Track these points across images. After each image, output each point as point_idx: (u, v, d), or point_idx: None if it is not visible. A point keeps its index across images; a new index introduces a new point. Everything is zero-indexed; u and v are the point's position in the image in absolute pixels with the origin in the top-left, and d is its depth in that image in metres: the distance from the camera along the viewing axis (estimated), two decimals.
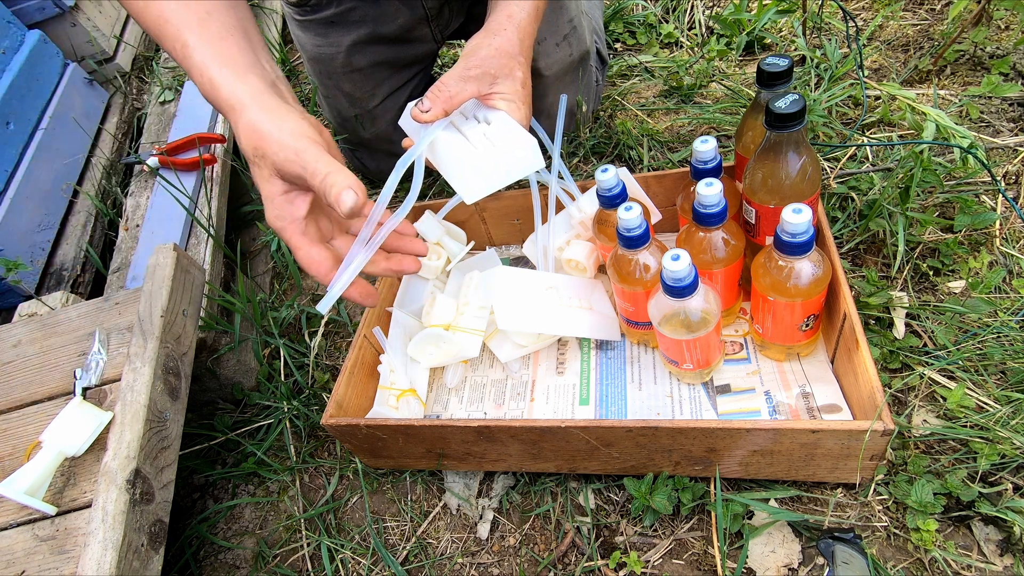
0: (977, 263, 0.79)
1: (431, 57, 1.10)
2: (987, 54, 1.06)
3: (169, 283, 0.79)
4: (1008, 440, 0.63)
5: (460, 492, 0.79)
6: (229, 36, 0.59)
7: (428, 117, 0.65)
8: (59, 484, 0.69)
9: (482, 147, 0.64)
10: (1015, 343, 0.70)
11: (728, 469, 0.67)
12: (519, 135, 0.64)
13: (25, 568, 0.63)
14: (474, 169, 0.64)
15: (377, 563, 0.76)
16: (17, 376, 0.82)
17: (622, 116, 1.19)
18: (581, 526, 0.73)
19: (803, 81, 1.11)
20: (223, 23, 0.60)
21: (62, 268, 1.12)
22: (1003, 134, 0.94)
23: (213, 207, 1.09)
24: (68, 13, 1.46)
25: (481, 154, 0.64)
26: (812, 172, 0.64)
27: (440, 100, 0.64)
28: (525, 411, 0.80)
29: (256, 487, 0.89)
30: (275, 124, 0.54)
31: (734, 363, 0.76)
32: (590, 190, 0.84)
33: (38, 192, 1.15)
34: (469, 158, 0.65)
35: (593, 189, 0.82)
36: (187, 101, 1.35)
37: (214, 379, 0.95)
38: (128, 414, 0.68)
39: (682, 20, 1.36)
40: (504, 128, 0.65)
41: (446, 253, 0.95)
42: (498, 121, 0.66)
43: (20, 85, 1.21)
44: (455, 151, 0.66)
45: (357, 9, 0.95)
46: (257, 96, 0.56)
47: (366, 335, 0.84)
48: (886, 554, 0.63)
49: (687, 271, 0.60)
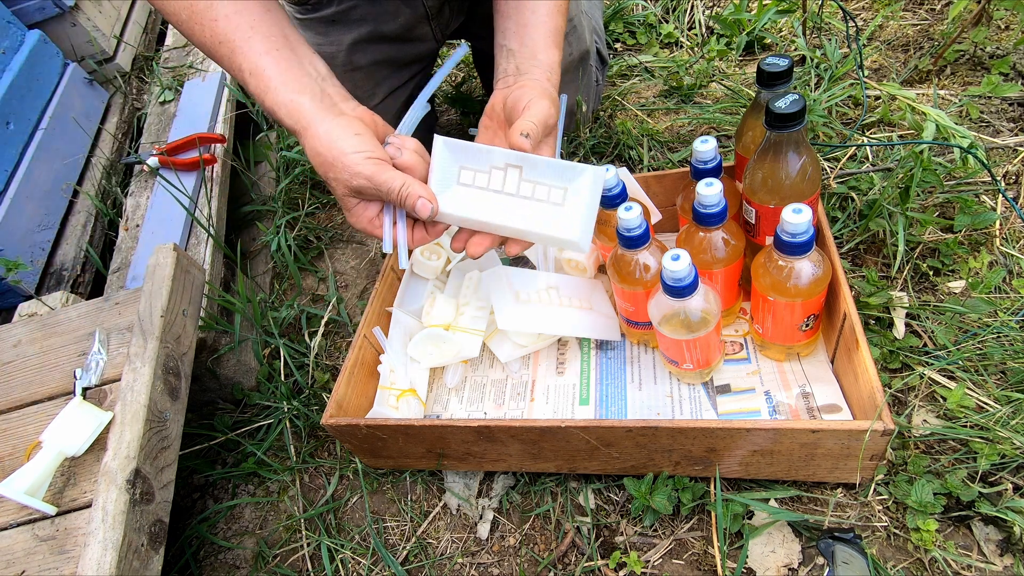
0: (977, 263, 0.79)
1: (432, 56, 1.10)
2: (987, 54, 1.06)
3: (169, 283, 0.79)
4: (1008, 440, 0.63)
5: (460, 492, 0.79)
6: (274, 49, 0.61)
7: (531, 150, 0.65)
8: (59, 484, 0.69)
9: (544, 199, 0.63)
10: (1015, 343, 0.70)
11: (728, 469, 0.67)
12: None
13: (25, 568, 0.63)
14: (564, 217, 0.63)
15: (377, 563, 0.76)
16: (17, 376, 0.82)
17: (622, 116, 1.19)
18: (581, 526, 0.73)
19: (803, 81, 1.11)
20: (266, 35, 0.62)
21: (62, 268, 1.12)
22: (1003, 134, 0.94)
23: (213, 207, 1.09)
24: (68, 13, 1.46)
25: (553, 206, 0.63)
26: (812, 172, 0.64)
27: (537, 138, 0.64)
28: (525, 411, 0.80)
29: (256, 487, 0.89)
30: (338, 149, 0.58)
31: (734, 363, 0.76)
32: None
33: (38, 192, 1.15)
34: (551, 213, 0.63)
35: None
36: (187, 101, 1.35)
37: (214, 379, 0.95)
38: (128, 414, 0.68)
39: (682, 20, 1.36)
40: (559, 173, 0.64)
41: (446, 253, 0.95)
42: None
43: (20, 85, 1.21)
44: (531, 213, 0.63)
45: (358, 8, 0.95)
46: (315, 118, 0.60)
47: (366, 335, 0.84)
48: (886, 554, 0.63)
49: (687, 271, 0.60)
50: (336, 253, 1.17)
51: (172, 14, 0.63)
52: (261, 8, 0.63)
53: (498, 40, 0.73)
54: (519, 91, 0.66)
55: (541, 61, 0.69)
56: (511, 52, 0.71)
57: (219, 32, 0.61)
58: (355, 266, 1.14)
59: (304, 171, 1.24)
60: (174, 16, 0.63)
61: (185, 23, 0.63)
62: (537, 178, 0.63)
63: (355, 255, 1.16)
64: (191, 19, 0.62)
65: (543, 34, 0.70)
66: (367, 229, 0.64)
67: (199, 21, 0.61)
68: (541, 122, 0.64)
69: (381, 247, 0.68)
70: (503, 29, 0.72)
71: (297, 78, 0.61)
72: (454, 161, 0.63)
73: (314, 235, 1.20)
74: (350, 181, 0.59)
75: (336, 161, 0.58)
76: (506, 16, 0.72)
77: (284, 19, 0.65)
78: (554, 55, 0.71)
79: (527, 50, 0.70)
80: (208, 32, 0.61)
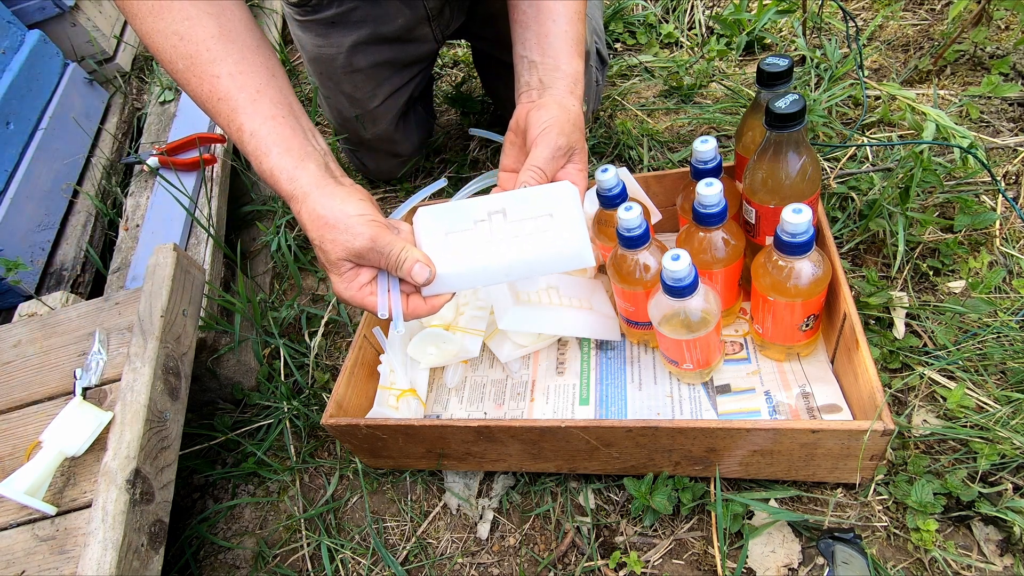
0: (977, 263, 0.79)
1: (432, 57, 1.10)
2: (987, 54, 1.06)
3: (169, 283, 0.79)
4: (1008, 440, 0.63)
5: (460, 492, 0.79)
6: (280, 116, 0.60)
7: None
8: (59, 484, 0.69)
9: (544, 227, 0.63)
10: (1015, 343, 0.70)
11: (728, 469, 0.67)
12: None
13: (25, 568, 0.63)
14: (564, 241, 0.62)
15: (377, 563, 0.76)
16: (17, 376, 0.82)
17: (622, 116, 1.19)
18: (581, 526, 0.73)
19: (803, 81, 1.11)
20: (273, 100, 0.61)
21: (62, 268, 1.12)
22: (1003, 134, 0.94)
23: (213, 207, 1.09)
24: (68, 13, 1.46)
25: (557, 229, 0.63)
26: (812, 172, 0.64)
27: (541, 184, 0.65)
28: (525, 411, 0.80)
29: (256, 487, 0.89)
30: (342, 211, 0.58)
31: (734, 363, 0.76)
32: (590, 190, 0.84)
33: (38, 192, 1.15)
34: (552, 238, 0.63)
35: (593, 189, 0.82)
36: (187, 101, 1.35)
37: (214, 379, 0.95)
38: (128, 414, 0.68)
39: (682, 20, 1.36)
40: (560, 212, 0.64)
41: None
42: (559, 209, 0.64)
43: (20, 85, 1.21)
44: (530, 242, 0.63)
45: (358, 9, 0.95)
46: (317, 184, 0.59)
47: (366, 335, 0.84)
48: (886, 554, 0.63)
49: (687, 271, 0.60)
50: None
51: (167, 62, 0.61)
52: (267, 72, 0.62)
53: (518, 50, 0.71)
54: (537, 113, 0.65)
55: (565, 72, 0.68)
56: (533, 64, 0.69)
57: (220, 89, 0.60)
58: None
59: None
60: (169, 64, 0.61)
61: (181, 73, 0.61)
62: (521, 216, 0.62)
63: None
64: (189, 70, 0.60)
65: (565, 43, 0.69)
66: (356, 298, 0.61)
67: (198, 74, 0.60)
68: (547, 160, 0.63)
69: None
70: (523, 39, 0.71)
71: (302, 146, 0.60)
72: (439, 228, 0.62)
73: None
74: (351, 242, 0.57)
75: (339, 222, 0.57)
76: (525, 25, 0.70)
77: (289, 87, 0.64)
78: (577, 64, 0.69)
79: (550, 60, 0.69)
80: (208, 87, 0.60)
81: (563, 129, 0.64)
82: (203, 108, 0.62)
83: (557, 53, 0.69)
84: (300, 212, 0.59)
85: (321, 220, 0.58)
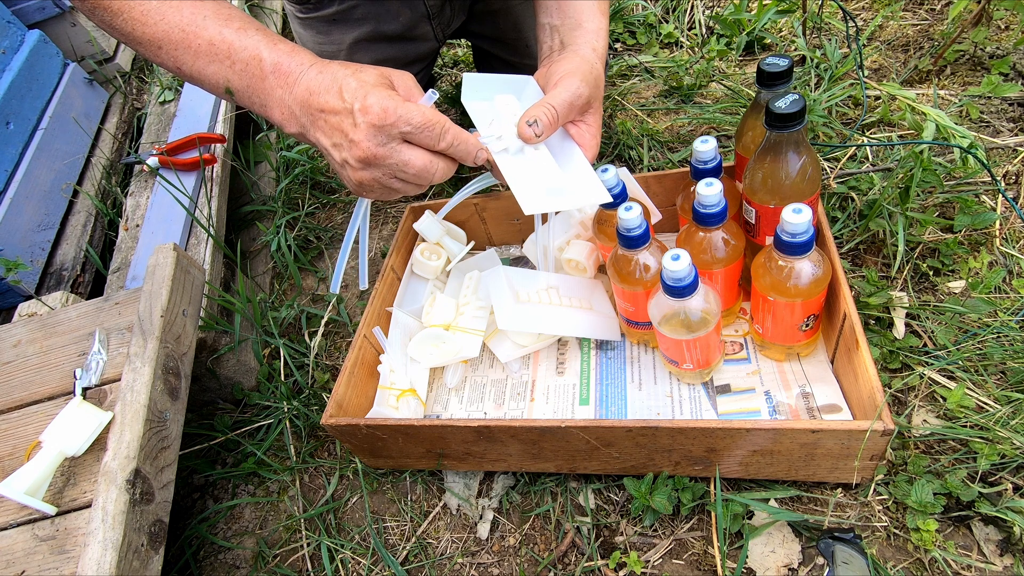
0: (977, 263, 0.79)
1: (432, 56, 1.10)
2: (987, 54, 1.06)
3: (169, 283, 0.79)
4: (1008, 440, 0.63)
5: (460, 492, 0.79)
6: (250, 25, 0.60)
7: (541, 139, 0.63)
8: (59, 484, 0.69)
9: (552, 168, 0.64)
10: (1015, 343, 0.70)
11: (728, 469, 0.67)
12: (589, 175, 0.66)
13: (25, 568, 0.63)
14: (543, 186, 0.64)
15: (377, 563, 0.76)
16: (17, 376, 0.82)
17: (622, 116, 1.19)
18: (581, 526, 0.73)
19: (803, 81, 1.11)
20: (242, 17, 0.60)
21: (62, 268, 1.12)
22: (1003, 134, 0.94)
23: (213, 207, 1.09)
24: (68, 13, 1.46)
25: (552, 174, 0.64)
26: (812, 172, 0.64)
27: (551, 125, 0.63)
28: (525, 411, 0.80)
29: (256, 487, 0.89)
30: (386, 76, 0.56)
31: (734, 363, 0.76)
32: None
33: (38, 192, 1.15)
34: (540, 175, 0.64)
35: None
36: (187, 101, 1.35)
37: (214, 379, 0.95)
38: (128, 414, 0.68)
39: (682, 20, 1.36)
40: (578, 163, 0.66)
41: (446, 253, 0.95)
42: (574, 158, 0.66)
43: (20, 85, 1.21)
44: (527, 165, 0.65)
45: (359, 7, 0.95)
46: (317, 60, 0.57)
47: (366, 335, 0.84)
48: (886, 554, 0.63)
49: (687, 271, 0.60)
50: (336, 253, 1.17)
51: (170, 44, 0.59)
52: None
53: (540, 19, 0.70)
54: (555, 65, 0.63)
55: (587, 29, 0.65)
56: (554, 28, 0.67)
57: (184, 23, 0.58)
58: (355, 266, 1.14)
59: (304, 171, 1.24)
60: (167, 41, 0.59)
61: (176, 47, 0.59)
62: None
63: (355, 255, 1.16)
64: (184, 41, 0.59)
65: (587, 3, 0.67)
66: (417, 110, 0.55)
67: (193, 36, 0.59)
68: (565, 103, 0.61)
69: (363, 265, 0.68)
70: (545, 8, 0.69)
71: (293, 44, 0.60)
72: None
73: (314, 235, 1.20)
74: (395, 109, 0.52)
75: (379, 89, 0.53)
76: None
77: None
78: (600, 21, 0.67)
79: (571, 20, 0.66)
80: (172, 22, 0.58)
81: (586, 79, 0.62)
82: (166, 44, 0.59)
83: (578, 12, 0.67)
84: (308, 77, 0.56)
85: (340, 64, 0.55)
